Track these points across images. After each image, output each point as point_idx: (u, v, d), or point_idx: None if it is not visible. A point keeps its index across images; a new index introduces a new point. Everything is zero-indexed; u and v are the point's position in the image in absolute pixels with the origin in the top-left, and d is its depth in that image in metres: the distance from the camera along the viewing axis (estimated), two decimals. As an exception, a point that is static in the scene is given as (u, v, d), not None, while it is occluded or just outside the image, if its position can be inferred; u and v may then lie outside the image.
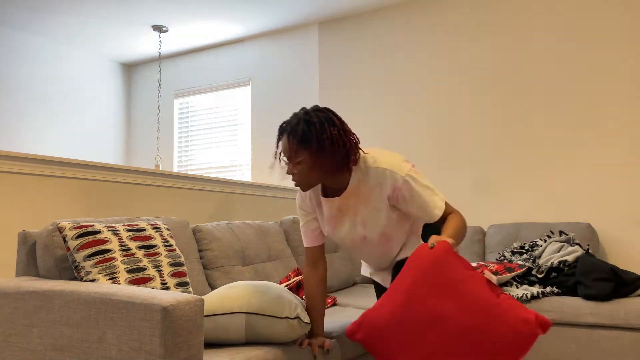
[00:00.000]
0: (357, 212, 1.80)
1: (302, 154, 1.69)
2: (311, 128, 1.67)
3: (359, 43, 4.48)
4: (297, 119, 1.70)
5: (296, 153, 1.69)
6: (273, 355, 1.65)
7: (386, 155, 1.78)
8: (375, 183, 1.74)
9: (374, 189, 1.75)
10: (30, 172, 2.45)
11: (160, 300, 1.36)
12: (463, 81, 4.02)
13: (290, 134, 1.69)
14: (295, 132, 1.68)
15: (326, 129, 1.67)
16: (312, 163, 1.70)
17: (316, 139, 1.66)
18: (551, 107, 3.70)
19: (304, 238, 1.93)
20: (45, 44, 4.97)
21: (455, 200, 3.99)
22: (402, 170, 1.72)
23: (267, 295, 1.74)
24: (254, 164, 4.94)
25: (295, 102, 4.76)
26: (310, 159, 1.69)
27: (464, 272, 1.48)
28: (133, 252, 1.81)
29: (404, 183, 1.71)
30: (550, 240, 3.22)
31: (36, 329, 1.59)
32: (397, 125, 4.26)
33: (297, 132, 1.68)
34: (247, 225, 2.81)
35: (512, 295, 2.87)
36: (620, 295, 2.74)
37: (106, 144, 5.51)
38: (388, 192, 1.74)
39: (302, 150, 1.68)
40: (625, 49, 3.49)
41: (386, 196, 1.75)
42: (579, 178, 3.59)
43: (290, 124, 1.72)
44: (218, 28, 4.79)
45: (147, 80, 5.68)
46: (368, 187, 1.75)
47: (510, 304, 1.43)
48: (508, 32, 3.87)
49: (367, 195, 1.77)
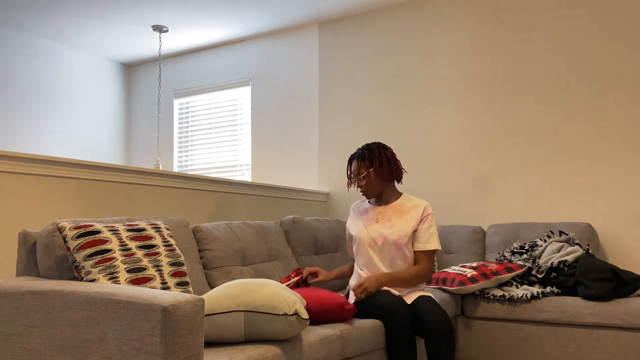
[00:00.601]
0: (390, 219, 2.53)
1: (366, 170, 2.52)
2: (372, 152, 2.54)
3: (359, 43, 4.48)
4: (362, 148, 2.57)
5: (361, 170, 2.53)
6: (273, 353, 1.65)
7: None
8: (414, 206, 2.54)
9: (412, 209, 2.54)
10: (30, 172, 2.45)
11: (160, 300, 1.36)
12: (463, 81, 4.02)
13: (357, 158, 2.56)
14: (361, 157, 2.55)
15: (381, 152, 2.54)
16: (373, 177, 2.52)
17: (377, 158, 2.51)
18: (551, 107, 3.70)
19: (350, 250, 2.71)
20: (46, 44, 4.98)
21: (455, 200, 3.99)
22: (431, 210, 2.57)
23: (265, 292, 1.75)
24: (254, 164, 4.94)
25: (295, 102, 4.77)
26: (372, 174, 2.52)
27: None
28: (133, 252, 1.81)
29: (429, 215, 2.53)
30: (550, 240, 3.22)
31: (36, 329, 1.59)
32: (397, 125, 4.26)
33: (362, 156, 2.54)
34: (247, 225, 2.81)
35: (512, 295, 2.88)
36: (620, 295, 2.75)
37: (106, 144, 5.51)
38: (419, 215, 2.51)
39: (365, 168, 2.52)
40: (626, 48, 3.49)
41: (417, 218, 2.51)
42: (579, 178, 3.59)
43: (357, 151, 2.58)
44: (218, 28, 4.79)
45: (147, 80, 5.68)
46: (408, 207, 2.55)
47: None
48: (508, 33, 3.87)
49: (405, 212, 2.54)
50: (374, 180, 2.52)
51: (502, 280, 2.99)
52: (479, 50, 3.97)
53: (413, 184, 4.16)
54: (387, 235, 2.47)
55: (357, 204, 2.76)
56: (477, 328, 3.00)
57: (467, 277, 2.93)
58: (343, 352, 2.01)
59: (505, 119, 3.85)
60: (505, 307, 2.91)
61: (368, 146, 2.57)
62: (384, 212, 2.56)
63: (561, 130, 3.66)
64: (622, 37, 3.50)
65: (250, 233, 2.76)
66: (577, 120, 3.61)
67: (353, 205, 2.76)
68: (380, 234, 2.49)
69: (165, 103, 5.52)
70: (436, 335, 2.19)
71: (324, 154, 4.58)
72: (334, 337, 1.97)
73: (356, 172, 2.55)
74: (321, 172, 4.58)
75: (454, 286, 2.93)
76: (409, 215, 2.51)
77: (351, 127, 4.47)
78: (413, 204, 2.54)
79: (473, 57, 3.99)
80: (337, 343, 1.98)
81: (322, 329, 1.98)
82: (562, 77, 3.68)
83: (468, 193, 3.96)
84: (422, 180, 4.14)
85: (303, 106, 4.72)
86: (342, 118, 4.52)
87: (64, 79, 5.12)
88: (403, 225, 2.48)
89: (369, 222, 2.56)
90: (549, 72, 3.72)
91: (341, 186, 4.50)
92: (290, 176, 4.73)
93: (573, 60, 3.65)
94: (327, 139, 4.57)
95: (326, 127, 4.58)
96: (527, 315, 2.85)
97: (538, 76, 3.75)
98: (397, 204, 2.56)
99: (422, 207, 2.52)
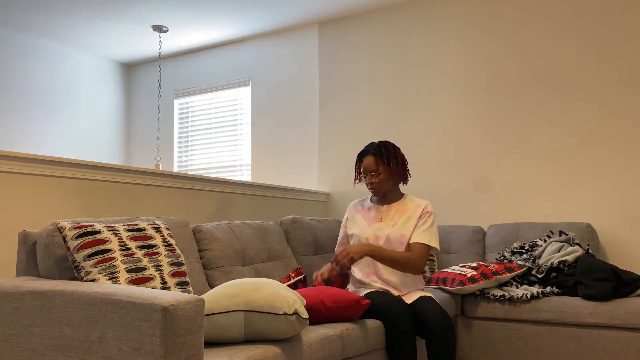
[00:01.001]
0: (393, 218, 2.55)
1: (382, 167, 2.50)
2: (389, 149, 2.53)
3: (359, 43, 4.48)
4: (377, 144, 2.54)
5: (378, 167, 2.50)
6: (273, 353, 1.65)
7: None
8: (416, 205, 2.57)
9: (413, 209, 2.56)
10: (30, 172, 2.45)
11: (160, 300, 1.36)
12: (463, 81, 4.02)
13: (373, 154, 2.52)
14: (378, 152, 2.51)
15: (397, 152, 2.55)
16: (387, 174, 2.51)
17: (393, 157, 2.51)
18: (551, 107, 3.70)
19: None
20: (46, 44, 4.98)
21: (455, 200, 3.99)
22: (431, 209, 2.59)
23: (265, 292, 1.74)
24: (254, 164, 4.94)
25: (295, 102, 4.77)
26: (386, 171, 2.51)
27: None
28: (133, 252, 1.81)
29: (428, 212, 2.55)
30: (550, 240, 3.22)
31: (36, 329, 1.59)
32: (397, 125, 4.26)
33: (379, 152, 2.51)
34: (247, 225, 2.81)
35: (512, 295, 2.88)
36: (620, 295, 2.74)
37: (106, 144, 5.51)
38: (420, 212, 2.53)
39: (382, 164, 2.50)
40: (627, 48, 3.49)
41: (418, 215, 2.53)
42: (579, 178, 3.59)
43: (371, 147, 2.55)
44: (218, 28, 4.79)
45: (147, 80, 5.68)
46: (410, 206, 2.57)
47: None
48: (508, 33, 3.87)
49: (407, 211, 2.56)
50: (387, 177, 2.52)
51: (502, 280, 2.99)
52: (480, 50, 3.97)
53: (413, 184, 4.16)
54: (389, 234, 2.50)
55: (356, 203, 2.73)
56: (477, 328, 3.00)
57: (467, 277, 2.93)
58: (343, 352, 2.01)
59: (506, 119, 3.85)
60: (505, 307, 2.91)
61: (383, 143, 2.55)
62: (388, 211, 2.57)
63: (561, 130, 3.66)
64: (623, 37, 3.50)
65: (250, 233, 2.76)
66: (578, 120, 3.61)
67: (351, 205, 2.74)
68: (384, 232, 2.51)
69: (165, 103, 5.52)
70: (437, 335, 2.19)
71: (324, 154, 4.58)
72: (334, 337, 1.97)
73: (371, 168, 2.52)
74: (321, 172, 4.58)
75: (454, 286, 2.93)
76: (411, 214, 2.53)
77: (351, 127, 4.47)
78: (415, 204, 2.57)
79: (473, 57, 3.99)
80: (337, 343, 1.98)
81: (322, 329, 1.98)
82: (562, 77, 3.67)
83: (468, 193, 3.96)
84: (422, 180, 4.14)
85: (303, 106, 4.71)
86: (342, 118, 4.52)
87: (64, 79, 5.12)
88: (405, 224, 2.51)
89: (373, 220, 2.57)
90: (549, 73, 3.71)
91: (341, 186, 4.49)
92: (290, 176, 4.73)
93: (573, 61, 3.65)
94: (327, 139, 4.57)
95: (326, 127, 4.58)
96: (527, 315, 2.85)
97: (538, 77, 3.75)
98: (400, 203, 2.58)
99: (422, 205, 2.56)
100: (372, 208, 2.64)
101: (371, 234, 2.52)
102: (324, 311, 2.08)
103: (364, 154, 2.58)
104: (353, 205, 2.73)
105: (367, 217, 2.60)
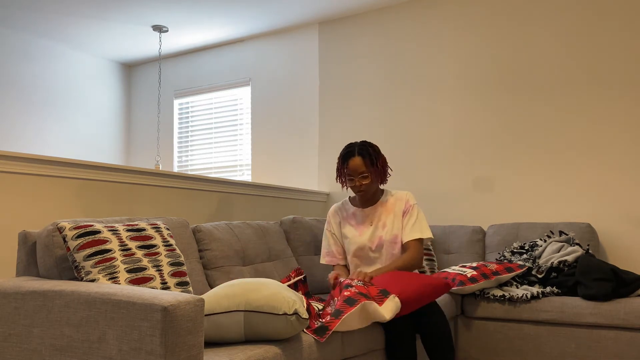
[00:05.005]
0: (380, 218, 2.51)
1: (370, 170, 2.44)
2: (373, 149, 2.48)
3: (359, 43, 4.48)
4: (360, 144, 2.47)
5: (367, 168, 2.43)
6: (273, 353, 1.65)
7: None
8: (397, 199, 2.54)
9: (396, 204, 2.53)
10: (30, 172, 2.45)
11: (160, 300, 1.36)
12: (463, 81, 4.02)
13: (360, 155, 2.42)
14: (366, 153, 2.42)
15: (378, 152, 2.52)
16: (374, 177, 2.47)
17: (377, 157, 2.47)
18: (551, 107, 3.70)
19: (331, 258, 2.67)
20: (46, 44, 4.98)
21: (455, 200, 3.99)
22: (413, 200, 2.59)
23: (265, 292, 1.74)
24: (254, 164, 4.94)
25: (295, 102, 4.77)
26: (375, 172, 2.46)
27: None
28: (133, 252, 1.81)
29: (411, 206, 2.54)
30: (550, 240, 3.22)
31: (36, 329, 1.59)
32: (397, 125, 4.26)
33: (366, 152, 2.43)
34: (247, 225, 2.81)
35: (512, 295, 2.88)
36: (620, 295, 2.74)
37: (106, 144, 5.51)
38: (404, 207, 2.53)
39: (370, 167, 2.44)
40: (627, 48, 3.49)
41: (402, 210, 2.51)
42: (579, 178, 3.59)
43: (354, 147, 2.46)
44: (218, 28, 4.79)
45: (147, 80, 5.68)
46: (393, 202, 2.53)
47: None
48: (508, 33, 3.88)
49: (391, 208, 2.53)
50: (374, 180, 2.47)
51: (502, 280, 2.99)
52: (480, 49, 3.97)
53: (413, 184, 4.16)
54: (382, 236, 2.51)
55: (337, 208, 2.66)
56: (477, 328, 3.00)
57: (467, 277, 2.93)
58: (343, 352, 2.01)
59: (506, 119, 3.85)
60: (505, 307, 2.91)
61: (365, 144, 2.49)
62: (374, 213, 2.55)
63: (561, 130, 3.66)
64: (623, 36, 3.50)
65: (250, 233, 2.76)
66: (578, 120, 3.61)
67: (332, 211, 2.66)
68: (377, 236, 2.51)
69: (165, 103, 5.52)
70: (436, 334, 2.19)
71: (323, 154, 4.58)
72: (334, 338, 1.97)
73: (360, 170, 2.44)
74: (321, 172, 4.58)
75: (454, 286, 2.93)
76: (396, 210, 2.54)
77: (351, 127, 4.47)
78: (396, 198, 2.56)
79: (473, 57, 3.99)
80: (337, 343, 1.98)
81: (322, 329, 1.98)
82: (562, 77, 3.68)
83: (468, 193, 3.96)
84: (422, 180, 4.14)
85: (303, 106, 4.72)
86: (342, 118, 4.52)
87: (64, 79, 5.12)
88: (394, 223, 2.52)
89: (364, 227, 2.55)
90: (550, 72, 3.72)
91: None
92: (290, 176, 4.73)
93: (573, 61, 3.65)
94: (327, 139, 4.57)
95: (326, 127, 4.58)
96: (527, 315, 2.85)
97: (538, 76, 3.75)
98: (383, 201, 2.56)
99: (404, 199, 2.55)
100: (357, 212, 2.57)
101: (368, 240, 2.50)
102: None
103: (349, 155, 2.47)
104: (334, 211, 2.66)
105: (355, 224, 2.56)
